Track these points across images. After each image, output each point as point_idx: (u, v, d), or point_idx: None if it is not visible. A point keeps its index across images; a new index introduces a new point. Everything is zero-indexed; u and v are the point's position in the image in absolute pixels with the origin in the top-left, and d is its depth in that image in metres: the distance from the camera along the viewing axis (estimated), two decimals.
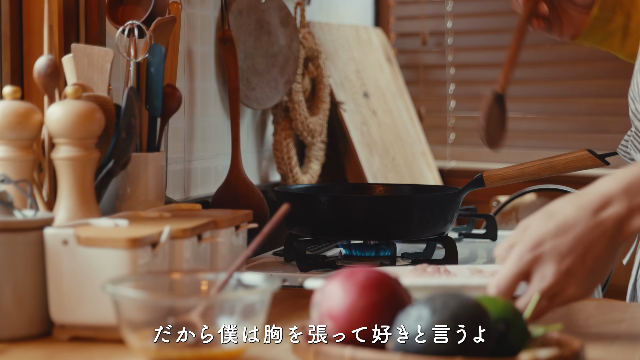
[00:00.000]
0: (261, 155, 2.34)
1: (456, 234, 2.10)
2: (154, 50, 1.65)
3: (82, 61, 1.49)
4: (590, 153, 1.75)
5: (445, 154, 3.14)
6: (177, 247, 1.34)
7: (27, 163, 1.37)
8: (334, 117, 2.57)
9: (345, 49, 2.71)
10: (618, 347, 1.26)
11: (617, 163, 1.98)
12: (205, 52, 2.09)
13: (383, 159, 2.68)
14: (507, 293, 1.22)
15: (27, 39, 1.62)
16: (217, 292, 1.19)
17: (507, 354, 1.09)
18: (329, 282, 1.14)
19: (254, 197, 2.03)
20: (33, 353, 1.22)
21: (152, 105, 1.66)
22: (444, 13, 3.14)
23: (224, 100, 2.15)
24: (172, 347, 1.12)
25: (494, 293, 1.22)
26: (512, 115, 3.07)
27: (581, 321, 1.39)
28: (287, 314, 1.43)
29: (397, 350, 1.06)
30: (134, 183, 1.60)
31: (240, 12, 2.15)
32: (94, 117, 1.36)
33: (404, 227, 1.74)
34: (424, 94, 3.17)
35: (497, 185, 1.82)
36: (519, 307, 1.19)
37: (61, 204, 1.36)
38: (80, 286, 1.25)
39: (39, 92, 1.51)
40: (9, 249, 1.26)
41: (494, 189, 2.65)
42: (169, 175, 1.95)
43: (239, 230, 1.52)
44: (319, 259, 1.78)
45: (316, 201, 1.75)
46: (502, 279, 1.22)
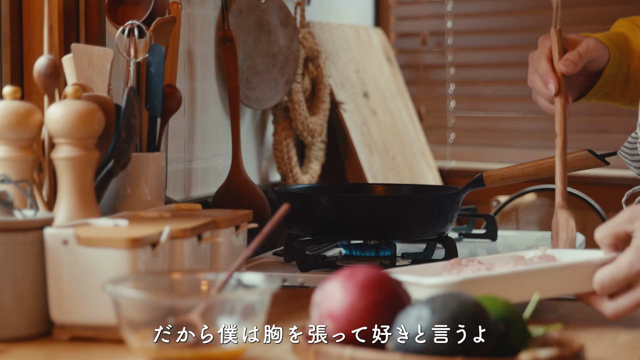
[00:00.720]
0: (261, 155, 2.34)
1: (456, 234, 2.10)
2: (154, 50, 1.65)
3: (82, 61, 1.49)
4: (590, 153, 1.74)
5: (445, 154, 3.14)
6: (177, 247, 1.34)
7: (27, 163, 1.37)
8: (334, 117, 2.57)
9: (345, 49, 2.71)
10: (618, 347, 1.26)
11: (617, 163, 1.99)
12: (205, 52, 2.09)
13: (383, 159, 2.68)
14: (609, 292, 1.29)
15: (27, 39, 1.62)
16: (217, 292, 1.19)
17: (507, 354, 1.09)
18: (329, 282, 1.14)
19: (256, 196, 2.03)
20: (33, 353, 1.22)
21: (152, 105, 1.66)
22: (444, 13, 3.14)
23: (224, 100, 2.15)
24: (172, 347, 1.12)
25: (598, 289, 1.29)
26: (512, 115, 3.08)
27: (581, 321, 1.39)
28: (287, 314, 1.43)
29: (397, 350, 1.06)
30: (134, 183, 1.60)
31: (240, 12, 2.15)
32: (94, 117, 1.36)
33: (404, 227, 1.74)
34: (424, 94, 3.17)
35: (497, 185, 1.82)
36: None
37: (61, 204, 1.36)
38: (80, 286, 1.25)
39: (39, 92, 1.51)
40: (9, 249, 1.26)
41: (494, 189, 2.65)
42: (169, 175, 1.95)
43: (239, 230, 1.52)
44: (319, 259, 1.78)
45: (316, 201, 1.75)
46: (608, 280, 1.29)
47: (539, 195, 2.70)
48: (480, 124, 3.13)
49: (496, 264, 1.39)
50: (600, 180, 2.77)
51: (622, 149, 1.71)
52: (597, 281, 1.30)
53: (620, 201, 1.73)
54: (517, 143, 3.04)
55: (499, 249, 1.98)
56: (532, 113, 3.04)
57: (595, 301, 1.32)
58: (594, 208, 2.52)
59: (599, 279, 1.30)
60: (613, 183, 2.74)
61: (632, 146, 1.70)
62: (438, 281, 1.24)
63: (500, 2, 3.08)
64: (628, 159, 1.71)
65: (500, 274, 1.30)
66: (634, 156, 1.69)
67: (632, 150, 1.70)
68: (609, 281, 1.29)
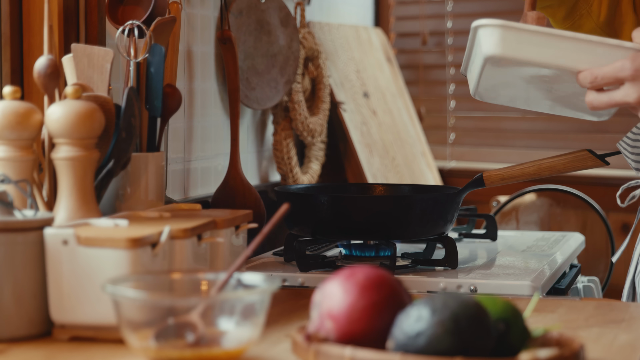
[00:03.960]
0: (261, 155, 2.34)
1: (456, 234, 2.10)
2: (154, 50, 1.65)
3: (82, 61, 1.49)
4: (590, 153, 1.75)
5: (445, 154, 3.14)
6: (177, 247, 1.34)
7: (27, 163, 1.37)
8: (334, 117, 2.57)
9: (345, 49, 2.71)
10: (618, 347, 1.26)
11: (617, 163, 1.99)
12: (205, 52, 2.09)
13: (383, 159, 2.68)
14: (596, 85, 1.41)
15: (27, 39, 1.62)
16: (217, 292, 1.19)
17: (507, 354, 1.09)
18: (329, 282, 1.14)
19: (251, 197, 2.03)
20: (33, 353, 1.22)
21: (152, 105, 1.66)
22: (444, 13, 3.14)
23: (223, 100, 2.15)
24: (172, 347, 1.12)
25: (588, 78, 1.41)
26: (512, 115, 3.08)
27: (581, 321, 1.39)
28: (287, 314, 1.43)
29: (397, 350, 1.06)
30: (134, 183, 1.60)
31: (240, 12, 2.15)
32: (94, 117, 1.36)
33: (404, 227, 1.74)
34: (424, 94, 3.17)
35: (497, 185, 1.82)
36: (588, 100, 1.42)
37: (61, 204, 1.36)
38: (80, 286, 1.25)
39: (39, 92, 1.51)
40: (9, 249, 1.26)
41: (494, 189, 2.65)
42: (169, 175, 1.95)
43: (239, 230, 1.52)
44: (319, 259, 1.78)
45: (316, 201, 1.75)
46: (599, 72, 1.40)
47: (539, 195, 2.70)
48: (480, 124, 3.13)
49: None
50: (600, 180, 2.77)
51: (623, 140, 1.71)
52: (591, 72, 1.41)
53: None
54: (517, 143, 3.04)
55: (499, 249, 1.98)
56: (532, 113, 3.04)
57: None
58: (594, 208, 2.52)
59: (594, 72, 1.41)
60: (613, 183, 2.73)
61: (635, 137, 1.69)
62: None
63: (500, 2, 3.08)
64: (628, 151, 1.70)
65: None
66: (635, 148, 1.69)
67: (635, 142, 1.69)
68: (601, 75, 1.41)
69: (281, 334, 1.30)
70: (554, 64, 1.44)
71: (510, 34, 1.44)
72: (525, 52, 1.44)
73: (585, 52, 1.43)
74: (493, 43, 1.45)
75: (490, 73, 1.51)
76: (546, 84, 1.53)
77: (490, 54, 1.46)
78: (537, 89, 1.56)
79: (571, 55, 1.43)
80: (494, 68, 1.49)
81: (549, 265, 1.80)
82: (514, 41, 1.44)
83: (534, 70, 1.48)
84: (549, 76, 1.49)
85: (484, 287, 1.63)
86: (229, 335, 1.14)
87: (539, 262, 1.81)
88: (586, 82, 1.42)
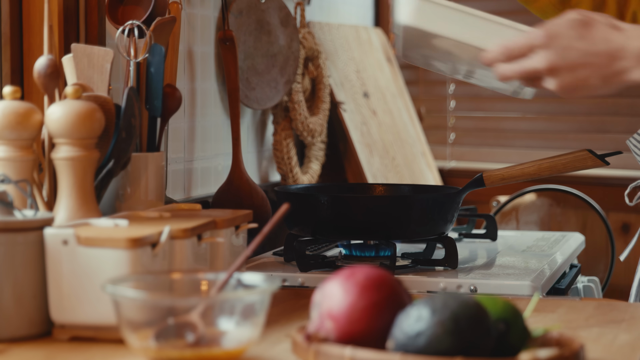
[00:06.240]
0: (261, 155, 2.34)
1: (456, 234, 2.10)
2: (154, 50, 1.65)
3: (82, 61, 1.49)
4: (590, 153, 1.75)
5: (445, 154, 3.14)
6: (177, 247, 1.34)
7: (27, 163, 1.37)
8: (334, 117, 2.57)
9: (345, 49, 2.71)
10: (618, 347, 1.26)
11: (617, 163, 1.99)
12: (205, 52, 2.09)
13: (383, 159, 2.68)
14: (508, 57, 1.40)
15: (27, 39, 1.62)
16: (217, 292, 1.19)
17: (507, 354, 1.09)
18: (329, 282, 1.14)
19: (257, 196, 2.03)
20: (33, 353, 1.22)
21: (152, 105, 1.66)
22: None
23: (224, 100, 2.15)
24: (172, 347, 1.12)
25: (500, 50, 1.41)
26: (512, 115, 3.08)
27: (581, 321, 1.39)
28: (287, 314, 1.43)
29: (397, 350, 1.06)
30: (134, 183, 1.60)
31: (240, 12, 2.15)
32: (94, 117, 1.36)
33: (404, 227, 1.74)
34: (424, 94, 3.17)
35: (497, 185, 1.82)
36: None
37: (61, 204, 1.36)
38: (80, 286, 1.25)
39: (39, 92, 1.51)
40: (9, 249, 1.26)
41: (494, 189, 2.65)
42: (169, 175, 1.95)
43: (239, 230, 1.52)
44: (319, 259, 1.78)
45: (316, 201, 1.75)
46: (511, 43, 1.41)
47: (539, 195, 2.70)
48: (480, 124, 3.13)
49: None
50: (600, 180, 2.77)
51: (633, 137, 1.70)
52: (502, 44, 1.42)
53: (620, 201, 1.73)
54: (517, 143, 3.04)
55: (499, 249, 1.98)
56: (532, 113, 3.04)
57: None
58: (594, 208, 2.52)
59: (505, 43, 1.42)
60: (613, 183, 2.73)
61: None
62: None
63: (500, 2, 3.08)
64: (637, 149, 1.70)
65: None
66: None
67: None
68: (512, 44, 1.41)
69: (281, 334, 1.30)
70: (463, 41, 1.46)
71: (426, 6, 1.46)
72: (438, 26, 1.46)
73: (495, 33, 1.45)
74: (407, 12, 1.47)
75: (410, 38, 1.52)
76: (457, 58, 1.54)
77: (403, 23, 1.48)
78: (453, 60, 1.57)
79: (481, 35, 1.46)
80: (412, 35, 1.51)
81: (549, 265, 1.80)
82: (429, 14, 1.46)
83: (447, 44, 1.49)
84: (460, 52, 1.50)
85: (484, 287, 1.63)
86: (229, 335, 1.14)
87: (539, 262, 1.81)
88: (497, 53, 1.42)
